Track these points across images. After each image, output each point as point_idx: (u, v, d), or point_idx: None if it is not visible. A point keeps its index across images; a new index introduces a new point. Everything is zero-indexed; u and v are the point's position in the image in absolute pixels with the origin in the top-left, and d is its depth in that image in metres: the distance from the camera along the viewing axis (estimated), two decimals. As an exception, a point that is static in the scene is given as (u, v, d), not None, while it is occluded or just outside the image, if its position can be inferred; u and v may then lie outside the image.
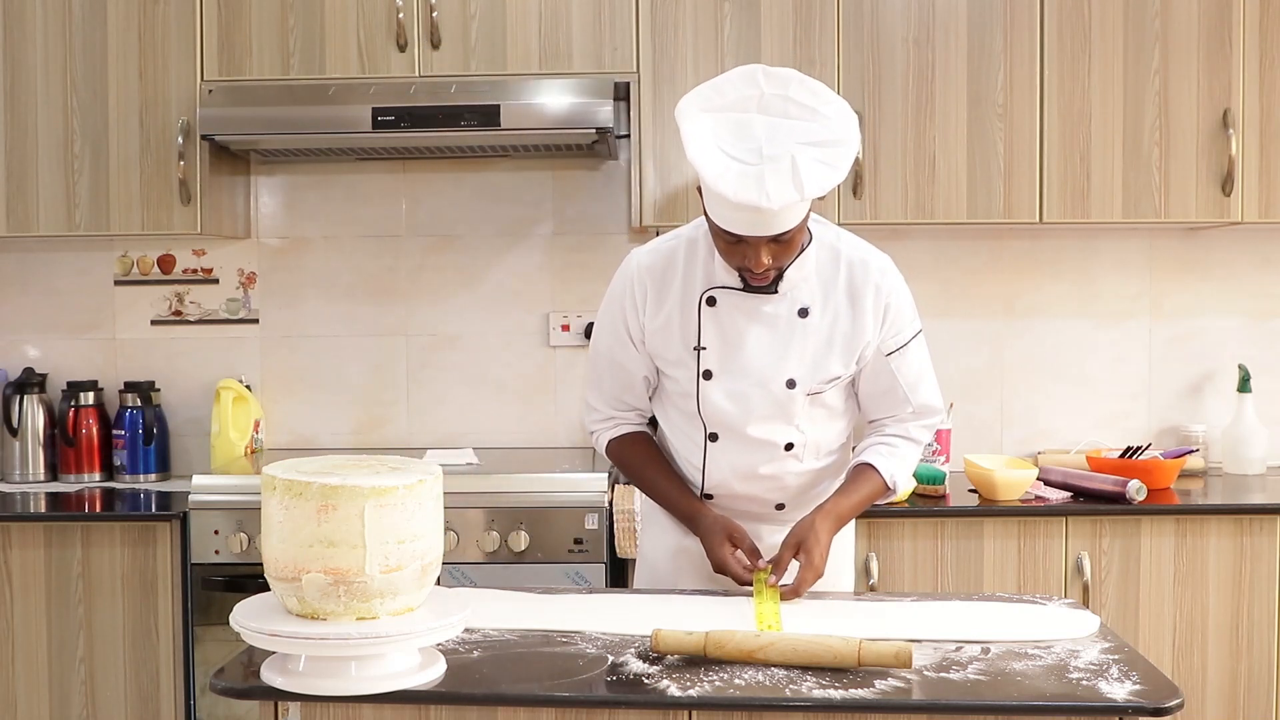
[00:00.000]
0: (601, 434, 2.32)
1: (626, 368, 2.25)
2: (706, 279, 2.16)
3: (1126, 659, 1.75)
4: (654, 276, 2.19)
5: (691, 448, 2.25)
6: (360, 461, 1.71)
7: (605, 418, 2.31)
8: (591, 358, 2.31)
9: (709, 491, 2.27)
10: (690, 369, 2.18)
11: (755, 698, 1.62)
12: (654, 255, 2.21)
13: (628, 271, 2.22)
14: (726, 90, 2.01)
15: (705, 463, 2.24)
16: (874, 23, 3.15)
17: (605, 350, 2.26)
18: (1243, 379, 3.41)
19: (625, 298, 2.21)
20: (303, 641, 1.60)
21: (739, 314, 2.15)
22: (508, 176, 3.56)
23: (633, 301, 2.20)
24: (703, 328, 2.16)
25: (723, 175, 1.93)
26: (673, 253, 2.20)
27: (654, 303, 2.18)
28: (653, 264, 2.20)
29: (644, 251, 2.24)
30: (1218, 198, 3.15)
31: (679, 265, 2.18)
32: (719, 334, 2.16)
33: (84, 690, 3.01)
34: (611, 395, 2.29)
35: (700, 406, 2.19)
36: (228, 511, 2.97)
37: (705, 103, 2.01)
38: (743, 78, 2.01)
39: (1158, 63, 3.14)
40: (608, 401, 2.30)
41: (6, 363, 3.59)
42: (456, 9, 3.16)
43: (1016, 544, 2.94)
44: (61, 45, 3.20)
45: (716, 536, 2.15)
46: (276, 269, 3.60)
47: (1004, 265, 3.54)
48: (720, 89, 2.01)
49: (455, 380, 3.59)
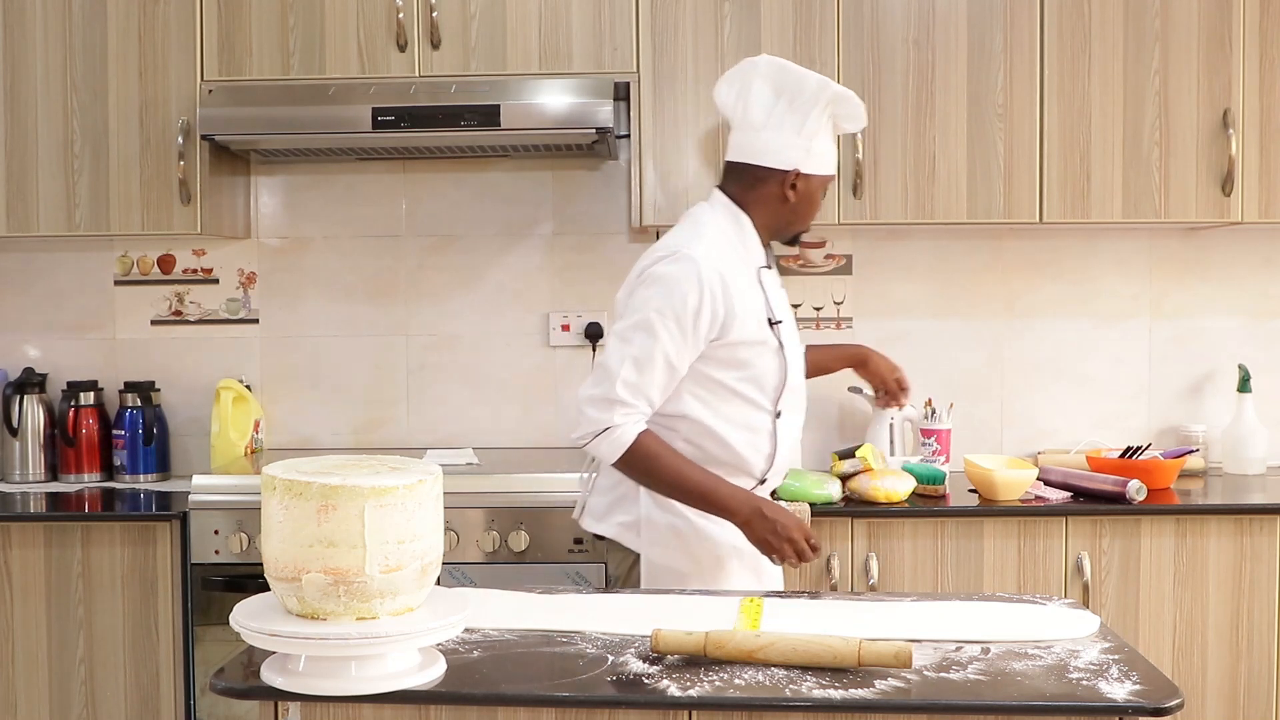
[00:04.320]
0: (629, 427, 2.27)
1: (678, 370, 2.31)
2: (752, 260, 2.38)
3: (1126, 659, 1.75)
4: (723, 269, 2.30)
5: (752, 436, 2.37)
6: (360, 461, 1.71)
7: (637, 411, 2.29)
8: (641, 356, 2.27)
9: (768, 476, 2.40)
10: (771, 344, 2.35)
11: (755, 698, 1.62)
12: (713, 249, 2.32)
13: (699, 271, 2.28)
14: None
15: (775, 445, 2.38)
16: (874, 23, 3.15)
17: (668, 348, 2.27)
18: (1243, 379, 3.41)
19: (705, 295, 2.27)
20: (303, 641, 1.60)
21: (777, 289, 2.41)
22: (508, 176, 3.56)
23: (711, 296, 2.27)
24: (770, 303, 2.36)
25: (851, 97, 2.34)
26: (722, 243, 2.35)
27: (733, 293, 2.30)
28: (719, 258, 2.31)
29: (702, 250, 2.31)
30: (1218, 198, 3.15)
31: (733, 252, 2.35)
32: (778, 311, 2.38)
33: (84, 690, 3.01)
34: (652, 392, 2.30)
35: (786, 380, 2.36)
36: (228, 511, 2.97)
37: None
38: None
39: (1158, 63, 3.14)
40: (644, 398, 2.29)
41: (6, 363, 3.59)
42: (456, 9, 3.16)
43: (1016, 544, 2.94)
44: (61, 45, 3.20)
45: (792, 516, 2.29)
46: (276, 269, 3.60)
47: (1004, 265, 3.54)
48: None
49: (455, 380, 3.59)
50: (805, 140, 2.35)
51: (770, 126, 2.35)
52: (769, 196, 2.39)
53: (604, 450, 2.30)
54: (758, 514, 2.29)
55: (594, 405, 2.29)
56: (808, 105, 2.33)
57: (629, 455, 2.28)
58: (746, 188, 2.40)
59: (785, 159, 2.35)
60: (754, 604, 1.99)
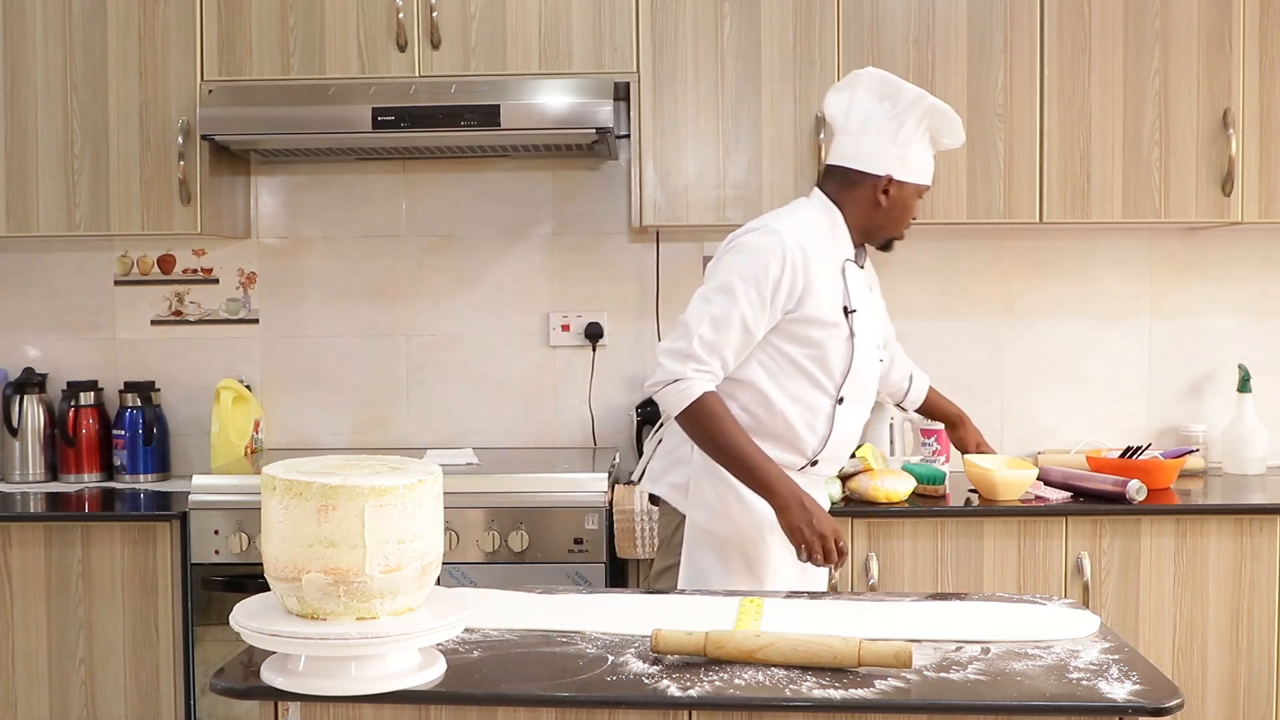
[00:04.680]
0: (698, 382, 2.35)
1: (754, 334, 2.39)
2: (839, 250, 2.47)
3: (1126, 659, 1.75)
4: (807, 247, 2.40)
5: (810, 415, 2.44)
6: (360, 461, 1.71)
7: (709, 369, 2.37)
8: (720, 316, 2.36)
9: (820, 457, 2.47)
10: (843, 330, 2.43)
11: (755, 698, 1.62)
12: (800, 229, 2.43)
13: (783, 243, 2.38)
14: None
15: (832, 428, 2.45)
16: (874, 23, 3.15)
17: (745, 311, 2.37)
18: (1243, 379, 3.41)
19: (786, 266, 2.37)
20: (303, 641, 1.60)
21: (860, 284, 2.49)
22: (508, 176, 3.56)
23: (792, 268, 2.38)
24: (849, 292, 2.45)
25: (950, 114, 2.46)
26: (811, 228, 2.45)
27: (812, 270, 2.39)
28: (805, 238, 2.41)
29: (790, 227, 2.42)
30: (1218, 198, 3.15)
31: (821, 239, 2.45)
32: (855, 301, 2.46)
33: (84, 690, 3.01)
34: (726, 353, 2.38)
35: (851, 367, 2.44)
36: (228, 511, 2.97)
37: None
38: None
39: (1158, 63, 3.14)
40: (719, 358, 2.38)
41: (6, 363, 3.59)
42: (456, 9, 3.16)
43: (1016, 544, 2.94)
44: (61, 45, 3.20)
45: (829, 518, 2.35)
46: (276, 269, 3.60)
47: (1004, 265, 3.54)
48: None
49: (455, 380, 3.59)
50: (900, 148, 2.46)
51: (868, 133, 2.47)
52: (862, 199, 2.49)
53: (670, 400, 2.37)
54: (797, 502, 2.34)
55: (670, 357, 2.37)
56: (903, 114, 2.45)
57: (691, 410, 2.35)
58: (843, 189, 2.51)
59: (880, 164, 2.46)
60: (754, 604, 1.99)
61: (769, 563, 2.46)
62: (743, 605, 1.98)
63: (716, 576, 2.45)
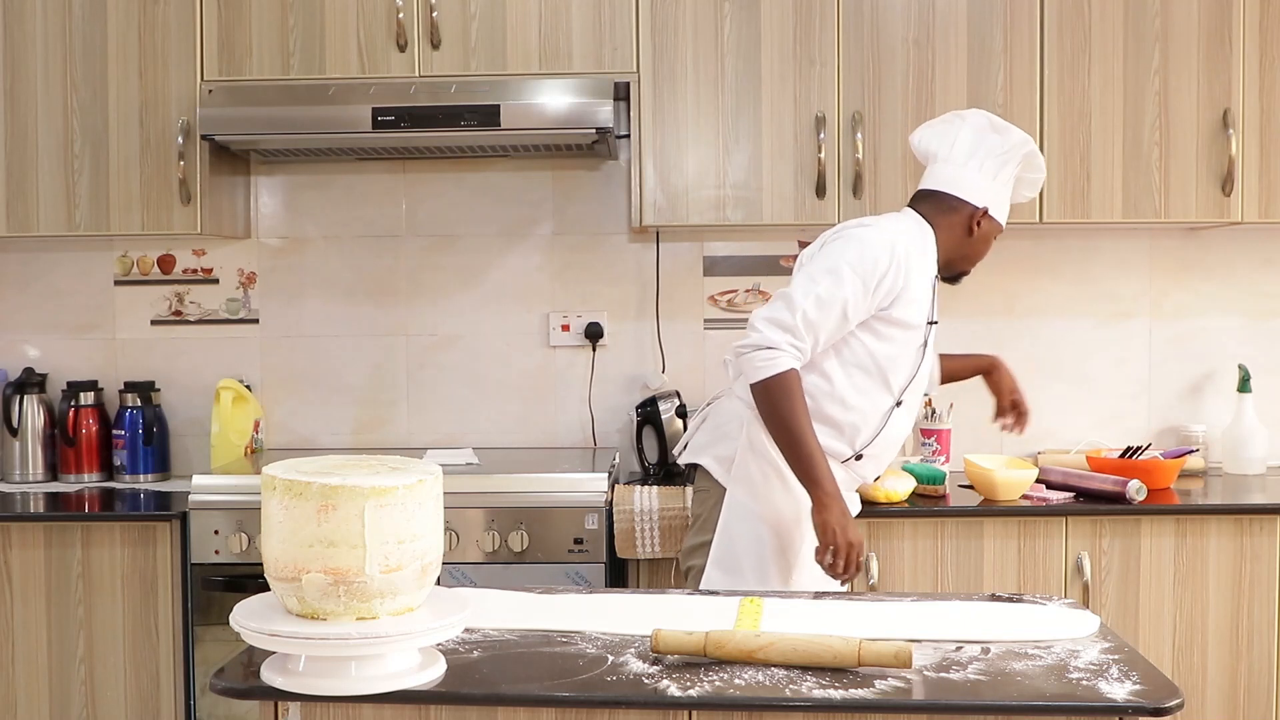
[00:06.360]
0: (786, 357, 2.39)
1: (850, 322, 2.46)
2: (930, 264, 2.56)
3: (1126, 659, 1.75)
4: (911, 253, 2.49)
5: (869, 411, 2.52)
6: (360, 461, 1.71)
7: (802, 346, 2.42)
8: (826, 297, 2.41)
9: (864, 452, 2.54)
10: (919, 338, 2.53)
11: (755, 698, 1.62)
12: (909, 234, 2.53)
13: (893, 241, 2.47)
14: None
15: (885, 425, 2.53)
16: (874, 23, 3.15)
17: (849, 297, 2.43)
18: (1243, 379, 3.41)
19: (892, 264, 2.45)
20: (303, 641, 1.60)
21: (938, 302, 2.58)
22: (508, 176, 3.56)
23: (896, 267, 2.45)
24: (934, 304, 2.55)
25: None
26: (919, 238, 2.54)
27: (911, 275, 2.48)
28: (909, 244, 2.50)
29: (898, 228, 2.52)
30: (1218, 198, 3.15)
31: (923, 251, 2.53)
32: (937, 315, 2.56)
33: (84, 690, 3.01)
34: (821, 334, 2.43)
35: (916, 374, 2.54)
36: (228, 511, 2.97)
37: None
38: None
39: (1158, 63, 3.14)
40: (814, 337, 2.43)
41: (6, 363, 3.59)
42: (456, 9, 3.16)
43: (1016, 544, 2.94)
44: (61, 45, 3.20)
45: (859, 531, 2.40)
46: (276, 269, 3.60)
47: (1004, 265, 3.53)
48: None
49: (455, 380, 3.59)
50: (998, 186, 2.57)
51: (972, 166, 2.56)
52: (956, 225, 2.58)
53: (757, 365, 2.40)
54: (837, 501, 2.38)
55: (770, 325, 2.41)
56: (1009, 154, 2.56)
57: (773, 382, 2.38)
58: (939, 212, 2.59)
59: (979, 196, 2.56)
60: (754, 604, 1.99)
61: (800, 550, 2.50)
62: (743, 605, 1.98)
63: (748, 556, 2.48)
